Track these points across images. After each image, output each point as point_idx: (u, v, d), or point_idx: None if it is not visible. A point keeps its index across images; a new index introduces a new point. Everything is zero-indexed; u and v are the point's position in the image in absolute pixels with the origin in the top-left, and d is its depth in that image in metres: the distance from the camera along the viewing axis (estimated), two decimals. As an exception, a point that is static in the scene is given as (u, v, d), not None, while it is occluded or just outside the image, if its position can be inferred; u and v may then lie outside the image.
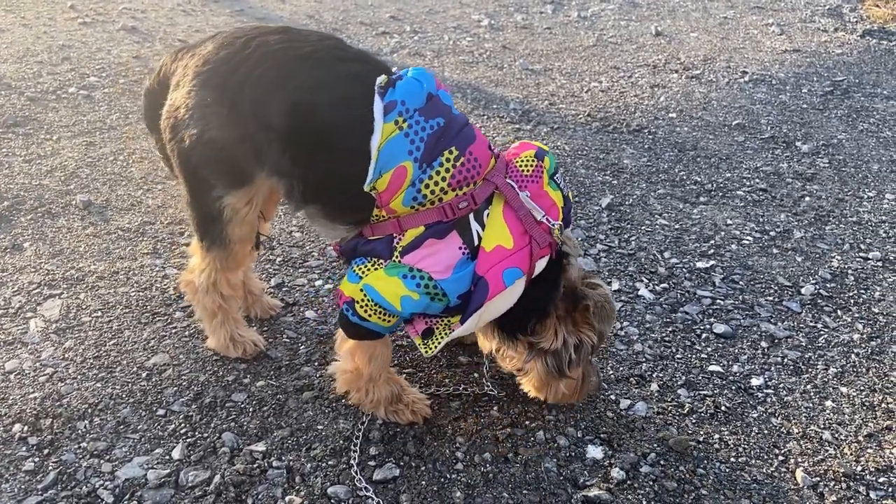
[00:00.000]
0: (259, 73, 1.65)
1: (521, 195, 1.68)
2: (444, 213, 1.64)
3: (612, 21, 6.10)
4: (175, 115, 1.72)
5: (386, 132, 1.60)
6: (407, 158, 1.60)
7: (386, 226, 1.68)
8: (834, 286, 2.67)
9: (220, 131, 1.67)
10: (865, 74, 5.19)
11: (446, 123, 1.65)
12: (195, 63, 1.71)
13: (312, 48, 1.66)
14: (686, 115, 4.20)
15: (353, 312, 1.68)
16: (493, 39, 5.33)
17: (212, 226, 1.82)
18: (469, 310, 1.66)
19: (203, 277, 1.93)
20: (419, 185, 1.62)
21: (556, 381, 1.87)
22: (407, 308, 1.63)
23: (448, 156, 1.63)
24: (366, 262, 1.69)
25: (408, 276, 1.63)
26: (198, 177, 1.75)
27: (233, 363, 2.06)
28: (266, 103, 1.64)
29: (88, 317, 2.21)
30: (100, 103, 3.63)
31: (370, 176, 1.62)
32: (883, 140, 4.06)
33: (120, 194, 2.88)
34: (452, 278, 1.63)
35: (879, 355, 2.32)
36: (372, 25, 5.37)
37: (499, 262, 1.62)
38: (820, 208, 3.23)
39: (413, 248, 1.65)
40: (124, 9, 5.14)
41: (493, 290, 1.62)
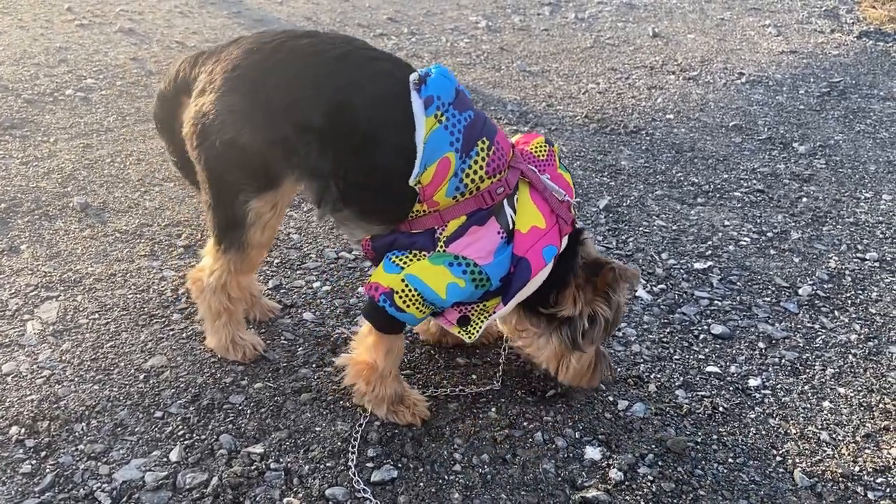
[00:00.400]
0: (293, 75, 1.67)
1: (543, 178, 1.78)
2: (483, 201, 1.70)
3: (609, 23, 6.11)
4: (203, 122, 1.71)
5: (428, 126, 1.65)
6: (449, 150, 1.66)
7: (426, 220, 1.73)
8: (831, 287, 2.67)
9: (252, 135, 1.69)
10: (862, 76, 5.20)
11: (475, 116, 1.73)
12: (223, 68, 1.71)
13: (343, 49, 1.69)
14: (683, 116, 4.20)
15: (391, 303, 1.70)
16: (491, 41, 5.33)
17: (233, 230, 1.82)
18: (512, 290, 1.73)
19: (213, 278, 1.93)
20: (461, 174, 1.68)
21: (569, 353, 1.91)
22: (452, 296, 1.69)
23: (482, 145, 1.70)
24: (406, 254, 1.73)
25: (454, 264, 1.68)
26: (225, 181, 1.76)
27: (230, 365, 2.06)
28: (302, 105, 1.67)
29: (86, 319, 2.21)
30: (97, 105, 3.63)
31: (416, 170, 1.66)
32: (880, 141, 4.07)
33: (117, 196, 2.87)
34: (495, 262, 1.70)
35: (877, 356, 2.32)
36: (369, 27, 5.37)
37: (536, 241, 1.71)
38: (817, 209, 3.24)
39: (458, 237, 1.71)
40: (121, 11, 5.13)
41: (535, 268, 1.71)
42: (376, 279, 1.73)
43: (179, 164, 1.97)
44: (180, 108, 1.84)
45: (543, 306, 1.86)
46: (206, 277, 1.97)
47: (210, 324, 2.05)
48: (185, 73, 1.83)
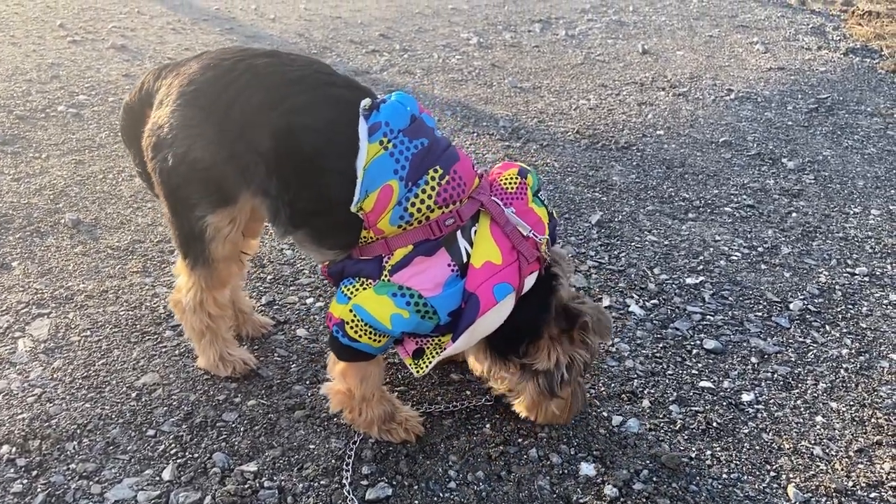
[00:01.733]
0: (247, 95, 1.66)
1: (507, 211, 1.71)
2: (430, 231, 1.66)
3: (599, 40, 6.16)
4: (158, 134, 1.71)
5: (371, 152, 1.62)
6: (392, 177, 1.62)
7: (374, 247, 1.69)
8: (822, 301, 2.69)
9: (204, 151, 1.67)
10: (849, 92, 5.26)
11: (430, 144, 1.68)
12: (180, 82, 1.71)
13: (300, 72, 1.68)
14: (673, 132, 4.24)
15: (343, 334, 1.68)
16: (483, 58, 5.37)
17: (194, 244, 1.81)
18: (461, 326, 1.67)
19: (190, 297, 1.93)
20: (406, 203, 1.64)
21: (547, 400, 1.88)
22: (397, 326, 1.64)
23: (433, 174, 1.66)
24: (354, 283, 1.70)
25: (398, 294, 1.64)
26: (180, 196, 1.75)
27: (223, 382, 2.05)
28: (254, 125, 1.65)
29: (77, 336, 2.19)
30: (89, 121, 3.63)
31: (357, 196, 1.63)
32: (868, 156, 4.11)
33: (109, 212, 2.87)
34: (442, 295, 1.64)
35: (868, 370, 2.33)
36: (362, 44, 5.40)
37: (489, 277, 1.64)
38: (807, 224, 3.27)
39: (402, 267, 1.66)
40: (114, 27, 5.14)
41: (483, 305, 1.63)
42: (331, 310, 1.72)
43: (144, 176, 1.95)
44: (145, 120, 1.82)
45: (515, 355, 1.81)
46: (182, 298, 1.95)
47: (197, 343, 2.04)
48: (149, 85, 1.82)
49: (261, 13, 5.93)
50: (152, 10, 5.67)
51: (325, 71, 1.73)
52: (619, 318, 2.49)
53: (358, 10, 6.33)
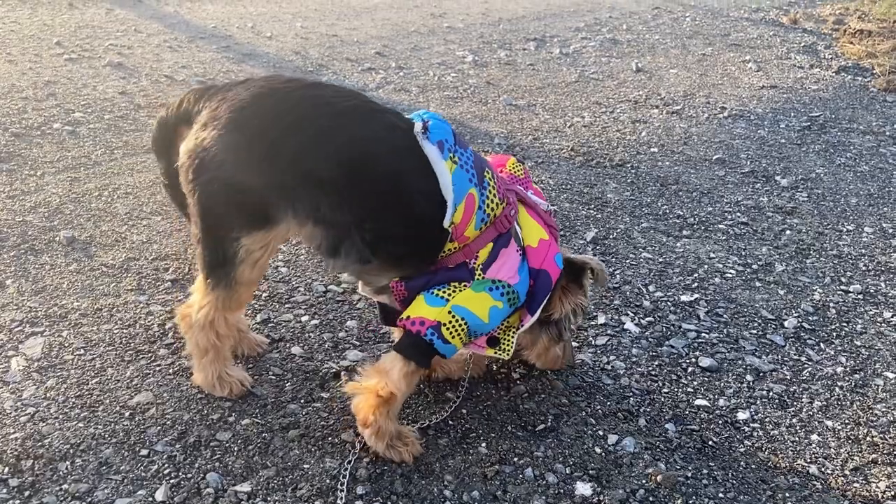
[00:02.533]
0: (301, 125, 1.68)
1: (529, 194, 1.96)
2: (501, 226, 1.82)
3: (593, 58, 6.21)
4: (202, 156, 1.70)
5: (449, 169, 1.72)
6: (470, 186, 1.74)
7: (457, 256, 1.79)
8: (816, 319, 2.69)
9: (251, 176, 1.69)
10: (841, 110, 5.31)
11: (472, 150, 1.83)
12: (229, 107, 1.71)
13: (350, 103, 1.72)
14: (667, 149, 4.26)
15: (438, 335, 1.74)
16: (478, 75, 5.40)
17: (222, 266, 1.81)
18: (538, 300, 1.87)
19: (202, 314, 1.92)
20: (483, 206, 1.77)
21: (554, 345, 2.11)
22: (494, 319, 1.79)
23: (488, 175, 1.81)
24: (447, 287, 1.78)
25: (493, 288, 1.78)
26: (217, 217, 1.75)
27: (218, 401, 2.04)
28: (311, 156, 1.67)
29: (71, 355, 2.18)
30: (85, 139, 3.63)
31: (449, 211, 1.72)
32: (860, 174, 4.14)
33: (104, 230, 2.86)
34: (521, 280, 1.82)
35: (863, 388, 2.34)
36: (358, 62, 5.42)
37: (547, 251, 1.87)
38: (800, 242, 3.28)
39: (491, 262, 1.80)
40: (111, 45, 5.16)
41: (554, 275, 1.87)
42: (420, 314, 1.75)
43: (171, 190, 1.95)
44: (178, 138, 1.84)
45: None
46: (193, 314, 1.96)
47: (197, 360, 2.03)
48: (188, 104, 1.83)
49: (257, 31, 5.96)
50: (149, 28, 5.70)
51: (369, 100, 1.79)
52: (614, 336, 2.49)
53: (354, 29, 6.37)
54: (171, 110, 1.89)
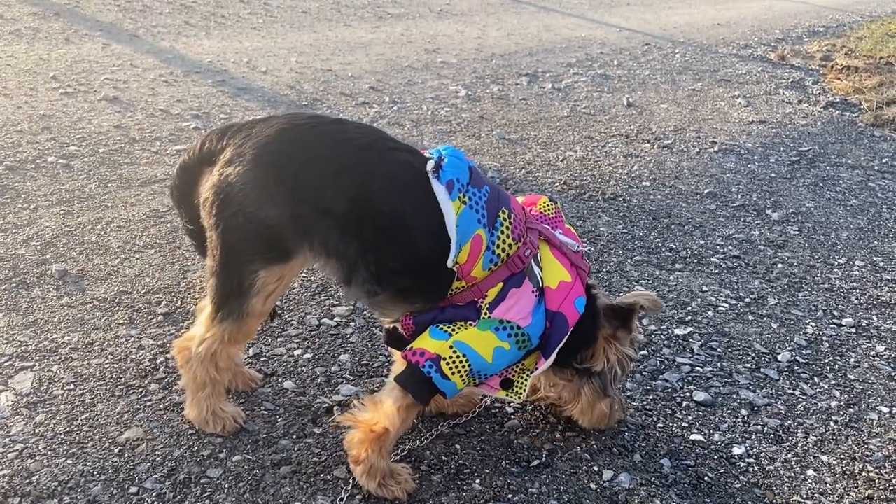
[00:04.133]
0: (320, 160, 1.74)
1: (557, 234, 1.94)
2: (514, 266, 1.81)
3: (585, 93, 6.29)
4: (227, 191, 1.74)
5: (456, 209, 1.73)
6: (478, 227, 1.75)
7: (466, 294, 1.80)
8: (810, 353, 2.70)
9: (274, 210, 1.72)
10: (830, 144, 5.37)
11: (490, 189, 1.83)
12: (254, 143, 1.75)
13: (369, 139, 1.78)
14: (659, 183, 4.30)
15: (437, 369, 1.74)
16: (471, 110, 5.46)
17: (235, 299, 1.82)
18: (552, 344, 1.83)
19: (203, 347, 1.91)
20: (493, 247, 1.77)
21: (599, 401, 2.04)
22: (498, 360, 1.77)
23: (503, 215, 1.81)
24: (453, 323, 1.80)
25: (499, 329, 1.77)
26: (237, 250, 1.78)
27: (208, 437, 2.02)
28: (327, 189, 1.72)
29: (61, 390, 2.16)
30: (79, 172, 3.64)
31: (453, 252, 1.73)
32: (850, 208, 4.18)
33: (97, 263, 2.85)
34: (534, 322, 1.79)
35: (857, 423, 2.33)
36: (352, 96, 5.48)
37: (567, 294, 1.83)
38: (792, 275, 3.30)
39: (499, 302, 1.78)
40: (107, 79, 5.20)
41: (571, 320, 1.83)
42: (421, 345, 1.77)
43: (195, 235, 1.96)
44: (201, 178, 1.86)
45: (575, 361, 1.97)
46: (194, 347, 1.94)
47: (192, 395, 2.01)
48: (211, 143, 1.85)
49: (252, 66, 6.02)
50: (145, 63, 5.74)
51: (387, 137, 1.83)
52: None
53: (349, 64, 6.44)
54: (192, 153, 1.90)
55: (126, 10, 7.60)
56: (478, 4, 10.78)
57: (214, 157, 1.82)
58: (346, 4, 9.47)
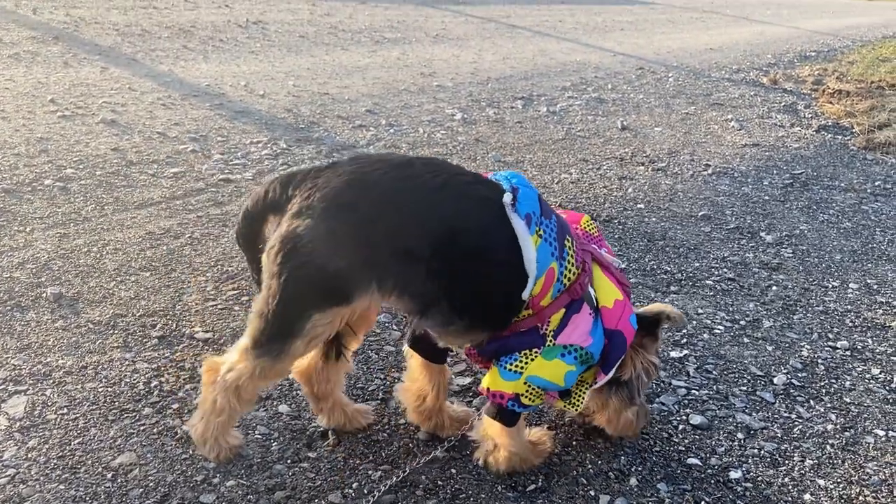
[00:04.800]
0: (395, 205, 1.71)
1: (603, 253, 2.01)
2: (575, 293, 1.86)
3: (579, 116, 6.34)
4: (295, 243, 1.70)
5: (534, 243, 1.76)
6: (552, 260, 1.79)
7: (529, 321, 1.84)
8: (805, 376, 2.70)
9: (344, 261, 1.69)
10: (822, 167, 5.42)
11: (556, 217, 1.86)
12: (323, 195, 1.71)
13: (442, 178, 1.75)
14: (654, 205, 4.32)
15: (519, 405, 1.88)
16: (467, 132, 5.49)
17: (279, 339, 1.78)
18: (611, 360, 1.91)
19: (231, 377, 1.85)
20: (562, 278, 1.83)
21: (626, 409, 2.10)
22: (570, 381, 1.87)
23: (568, 244, 1.86)
24: (518, 358, 1.86)
25: (565, 354, 1.84)
26: (299, 300, 1.74)
27: (202, 462, 2.00)
28: (406, 234, 1.71)
29: (54, 414, 2.15)
30: (76, 195, 3.65)
31: (529, 286, 1.77)
32: (843, 231, 4.20)
33: (92, 286, 2.85)
34: (594, 342, 1.87)
35: (854, 446, 2.33)
36: (349, 119, 5.51)
37: (622, 312, 1.91)
38: (787, 298, 3.31)
39: (562, 329, 1.84)
40: (104, 102, 5.23)
41: (629, 337, 1.91)
42: (498, 388, 1.88)
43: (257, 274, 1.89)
44: (266, 225, 1.84)
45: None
46: (222, 371, 1.88)
47: (205, 413, 1.94)
48: (275, 193, 1.81)
49: (250, 89, 6.06)
50: (143, 87, 5.78)
51: (460, 172, 1.81)
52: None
53: (345, 87, 6.49)
54: (257, 202, 1.85)
55: (125, 34, 7.67)
56: (473, 29, 10.90)
57: (280, 206, 1.78)
58: (344, 29, 9.57)
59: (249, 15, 9.71)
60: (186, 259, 3.13)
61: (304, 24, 9.55)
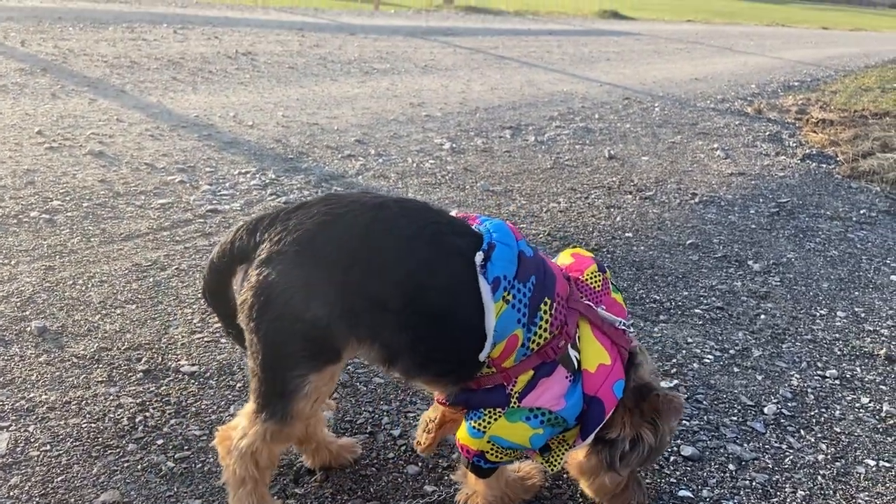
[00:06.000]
0: (369, 254, 1.65)
1: (600, 311, 1.86)
2: (546, 355, 1.76)
3: (567, 145, 6.39)
4: (268, 293, 1.63)
5: (497, 309, 1.69)
6: (517, 327, 1.71)
7: (495, 378, 1.78)
8: (795, 405, 2.69)
9: (323, 309, 1.63)
10: (808, 196, 5.47)
11: (536, 279, 1.75)
12: (293, 239, 1.65)
13: (417, 226, 1.69)
14: (642, 234, 4.34)
15: (485, 461, 1.84)
16: (455, 162, 5.52)
17: (279, 400, 1.72)
18: (589, 428, 1.81)
19: (244, 443, 1.78)
20: (528, 343, 1.74)
21: (604, 473, 1.95)
22: (537, 443, 1.79)
23: (544, 307, 1.74)
24: (482, 416, 1.79)
25: (530, 418, 1.76)
26: (283, 353, 1.67)
27: (187, 499, 1.97)
28: (381, 284, 1.65)
29: (37, 451, 2.11)
30: (62, 227, 3.62)
31: (486, 349, 1.71)
32: (830, 259, 4.23)
33: (77, 319, 2.82)
34: (568, 406, 1.76)
35: (845, 476, 2.32)
36: (338, 149, 5.53)
37: (605, 378, 1.78)
38: (776, 326, 3.31)
39: (529, 391, 1.76)
40: (92, 134, 5.22)
41: (608, 406, 1.79)
42: (465, 442, 1.84)
43: (233, 332, 1.86)
44: (233, 277, 1.78)
45: None
46: (235, 439, 1.81)
47: (233, 490, 1.86)
48: (242, 241, 1.75)
49: (239, 120, 6.08)
50: (131, 118, 5.79)
51: (433, 219, 1.74)
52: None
53: (334, 117, 6.52)
54: (223, 253, 1.79)
55: (113, 65, 7.70)
56: (462, 60, 11.01)
57: (248, 254, 1.72)
58: (333, 60, 9.65)
59: (239, 46, 9.78)
60: (173, 291, 3.11)
61: (294, 56, 9.62)
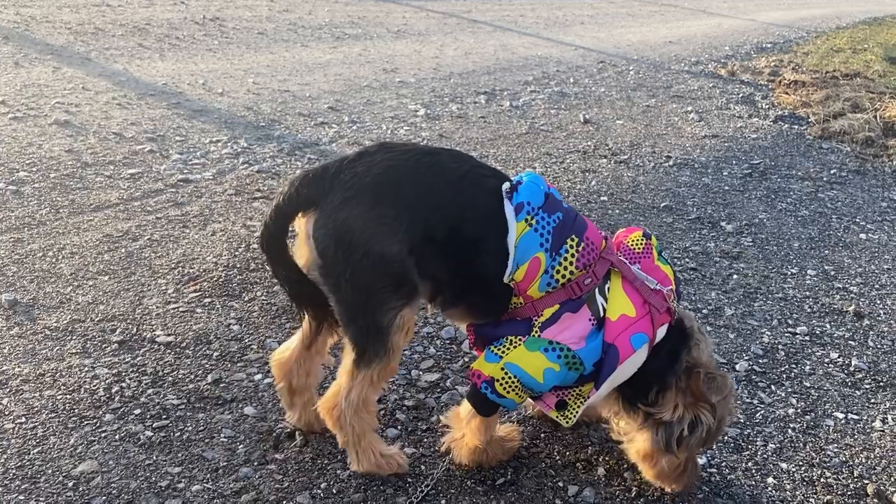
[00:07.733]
0: (429, 193, 1.79)
1: (634, 268, 1.92)
2: (572, 292, 1.85)
3: (542, 110, 6.37)
4: (349, 236, 1.74)
5: (519, 230, 1.80)
6: (539, 250, 1.81)
7: (523, 311, 1.87)
8: (766, 362, 2.75)
9: (396, 246, 1.75)
10: (780, 157, 5.52)
11: (564, 216, 1.87)
12: (368, 183, 1.76)
13: (464, 169, 1.85)
14: (617, 198, 4.36)
15: (492, 390, 1.85)
16: (430, 128, 5.48)
17: (377, 338, 1.81)
18: (603, 375, 1.85)
19: (354, 396, 1.87)
20: (551, 271, 1.83)
21: (661, 455, 1.96)
22: (548, 380, 1.83)
23: (571, 243, 1.85)
24: (503, 343, 1.87)
25: (549, 350, 1.82)
26: (372, 291, 1.77)
27: (166, 467, 1.97)
28: (432, 220, 1.79)
29: (12, 423, 2.09)
30: (29, 198, 3.55)
31: (509, 269, 1.81)
32: (801, 219, 4.29)
33: (48, 291, 2.78)
34: (587, 348, 1.82)
35: (815, 429, 2.38)
36: (310, 116, 5.46)
37: (625, 328, 1.83)
38: (748, 286, 3.36)
39: (551, 323, 1.83)
40: (58, 103, 5.10)
41: (623, 354, 1.82)
42: (478, 367, 1.88)
43: (293, 289, 1.91)
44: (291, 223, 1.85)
45: (643, 402, 1.94)
46: (342, 400, 1.89)
47: (355, 447, 1.95)
48: (308, 189, 1.80)
49: (208, 87, 5.97)
50: (97, 86, 5.65)
51: (478, 165, 1.91)
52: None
53: (306, 84, 6.43)
54: (286, 198, 1.83)
55: (78, 32, 7.49)
56: (435, 24, 10.88)
57: (315, 200, 1.79)
58: (304, 25, 9.47)
59: (206, 12, 9.55)
60: (146, 262, 3.07)
61: (263, 21, 9.43)
